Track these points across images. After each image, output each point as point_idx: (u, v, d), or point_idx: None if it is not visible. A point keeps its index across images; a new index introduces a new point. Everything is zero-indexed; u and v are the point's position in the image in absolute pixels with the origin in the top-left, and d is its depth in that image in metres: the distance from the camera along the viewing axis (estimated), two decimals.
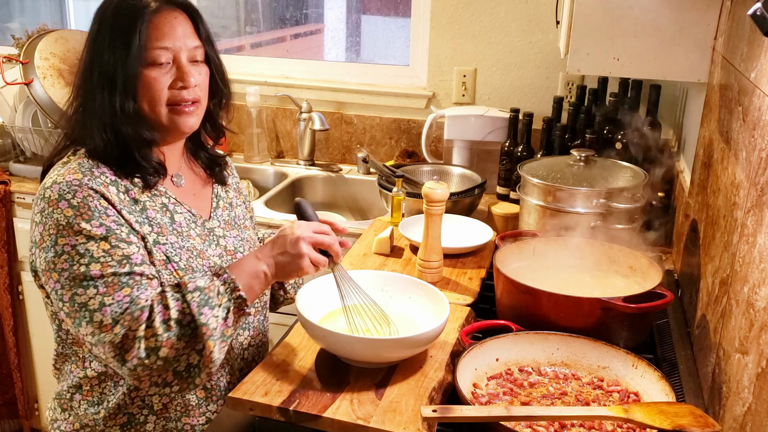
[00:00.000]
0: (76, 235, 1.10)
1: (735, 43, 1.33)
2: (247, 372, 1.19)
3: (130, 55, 1.15)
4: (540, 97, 2.39)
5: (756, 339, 0.94)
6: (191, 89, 1.20)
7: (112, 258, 1.11)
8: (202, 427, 1.27)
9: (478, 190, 2.03)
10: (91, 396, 1.24)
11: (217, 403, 1.28)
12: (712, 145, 1.44)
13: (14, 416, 2.57)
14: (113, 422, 1.22)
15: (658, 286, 1.29)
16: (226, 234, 1.34)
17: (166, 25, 1.17)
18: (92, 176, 1.15)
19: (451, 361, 1.21)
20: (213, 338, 1.11)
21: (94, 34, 1.19)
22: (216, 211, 1.35)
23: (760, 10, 0.83)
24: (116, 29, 1.16)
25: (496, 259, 1.41)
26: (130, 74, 1.15)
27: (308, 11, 3.01)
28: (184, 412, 1.25)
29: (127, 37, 1.15)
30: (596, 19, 1.61)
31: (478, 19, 2.38)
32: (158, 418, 1.24)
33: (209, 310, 1.11)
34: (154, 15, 1.17)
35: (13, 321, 2.42)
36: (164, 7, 1.18)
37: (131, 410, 1.22)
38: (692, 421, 0.96)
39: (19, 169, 2.44)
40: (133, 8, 1.16)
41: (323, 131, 2.55)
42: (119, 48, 1.15)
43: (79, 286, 1.09)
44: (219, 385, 1.29)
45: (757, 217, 1.01)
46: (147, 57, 1.16)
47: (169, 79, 1.18)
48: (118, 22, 1.16)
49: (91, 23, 1.21)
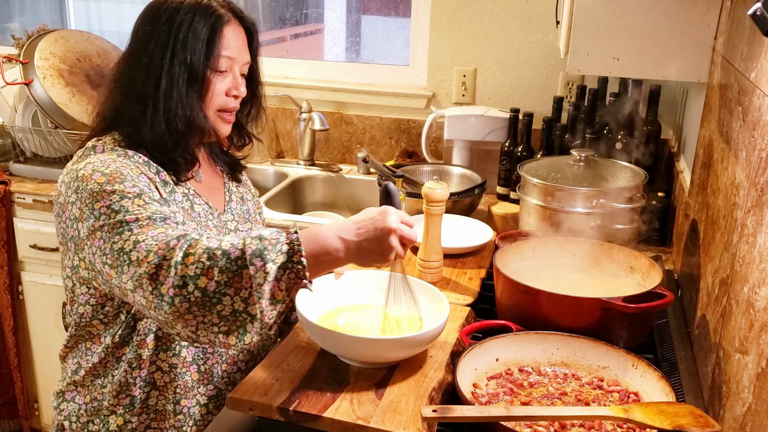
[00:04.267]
0: (110, 195, 1.11)
1: (735, 43, 1.33)
2: (252, 366, 1.19)
3: (206, 56, 1.23)
4: (540, 97, 2.39)
5: (756, 339, 0.94)
6: (239, 99, 1.31)
7: (146, 211, 1.10)
8: (195, 410, 1.28)
9: (478, 190, 2.03)
10: (96, 371, 1.26)
11: (208, 387, 1.29)
12: (712, 145, 1.44)
13: (14, 416, 2.57)
14: (116, 401, 1.25)
15: (658, 286, 1.29)
16: (239, 228, 1.38)
17: (233, 37, 1.27)
18: (126, 156, 1.21)
19: (451, 361, 1.21)
20: (260, 293, 0.99)
21: (166, 25, 1.22)
22: (230, 204, 1.40)
23: (760, 10, 0.83)
24: (195, 30, 1.22)
25: (496, 259, 1.41)
26: (201, 73, 1.23)
27: (308, 11, 3.01)
28: (183, 393, 1.26)
29: (206, 39, 1.23)
30: (596, 19, 1.61)
31: (478, 19, 2.38)
32: (160, 393, 1.25)
33: (261, 261, 1.00)
34: (225, 26, 1.26)
35: (13, 321, 2.42)
36: (233, 20, 1.28)
37: (133, 392, 1.24)
38: (692, 421, 0.96)
39: (19, 169, 2.44)
40: (212, 15, 1.24)
41: (323, 131, 2.55)
42: (197, 47, 1.22)
43: (116, 234, 1.07)
44: (213, 370, 1.29)
45: (757, 217, 1.01)
46: (215, 63, 1.25)
47: (226, 86, 1.28)
48: (198, 24, 1.23)
49: (157, 13, 1.24)
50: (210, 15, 1.24)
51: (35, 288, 2.43)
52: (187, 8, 1.23)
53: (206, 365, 1.29)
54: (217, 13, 1.25)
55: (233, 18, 1.28)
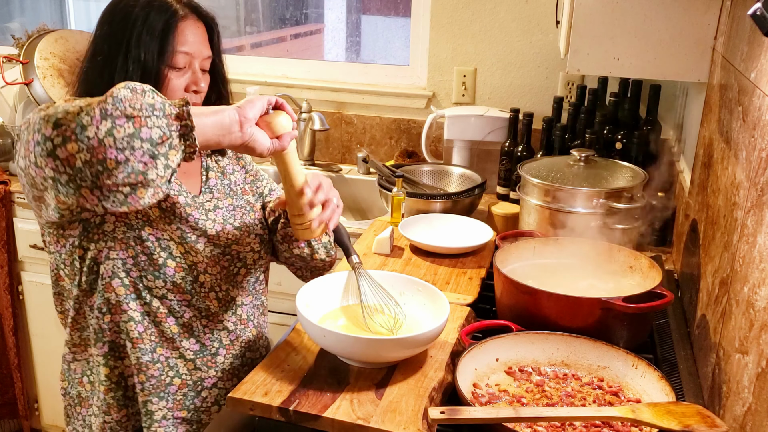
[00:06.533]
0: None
1: (735, 43, 1.33)
2: (246, 371, 1.19)
3: (160, 53, 1.21)
4: (540, 97, 2.39)
5: (756, 339, 0.94)
6: (200, 94, 1.28)
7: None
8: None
9: (478, 190, 2.03)
10: (78, 324, 1.28)
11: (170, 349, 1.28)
12: (712, 145, 1.44)
13: (14, 416, 2.57)
14: (98, 352, 1.26)
15: (658, 286, 1.29)
16: (219, 206, 1.33)
17: (190, 32, 1.25)
18: None
19: (451, 361, 1.21)
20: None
21: (121, 23, 1.22)
22: (207, 183, 1.35)
23: (760, 10, 0.83)
24: (149, 27, 1.21)
25: (496, 259, 1.41)
26: (155, 70, 1.22)
27: (308, 11, 3.01)
28: (159, 343, 1.26)
29: (160, 35, 1.21)
30: (596, 19, 1.61)
31: (478, 19, 2.38)
32: (133, 346, 1.24)
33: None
34: (181, 21, 1.24)
35: (13, 321, 2.42)
36: (191, 15, 1.26)
37: (111, 337, 1.25)
38: (700, 422, 0.95)
39: None
40: (167, 11, 1.22)
41: (323, 131, 2.55)
42: (150, 44, 1.20)
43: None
44: (185, 345, 1.28)
45: (757, 217, 1.01)
46: (171, 59, 1.23)
47: (184, 82, 1.26)
48: (153, 20, 1.21)
49: (113, 12, 1.23)
50: (165, 11, 1.22)
51: (35, 288, 2.43)
52: (143, 5, 1.22)
53: (181, 337, 1.28)
54: (172, 9, 1.23)
55: (191, 13, 1.26)
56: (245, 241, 1.34)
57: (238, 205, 1.37)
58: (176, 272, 1.24)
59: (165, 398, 1.27)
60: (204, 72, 1.29)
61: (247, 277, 1.36)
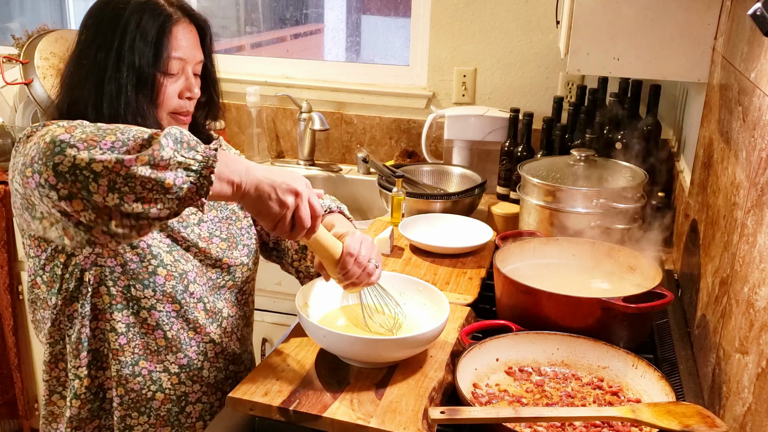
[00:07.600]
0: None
1: (735, 43, 1.33)
2: (231, 385, 1.17)
3: (154, 59, 1.17)
4: (540, 97, 2.39)
5: (756, 339, 0.94)
6: (193, 101, 1.25)
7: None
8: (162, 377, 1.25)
9: (478, 190, 2.03)
10: (53, 337, 1.24)
11: (177, 355, 1.26)
12: (712, 145, 1.44)
13: (14, 416, 2.57)
14: (78, 363, 1.22)
15: (658, 286, 1.29)
16: (203, 219, 1.29)
17: (183, 37, 1.21)
18: None
19: (451, 361, 1.21)
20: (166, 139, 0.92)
21: (111, 26, 1.16)
22: None
23: (760, 10, 0.83)
24: (142, 31, 1.16)
25: (496, 259, 1.41)
26: (150, 77, 1.17)
27: (308, 11, 3.01)
28: (142, 355, 1.23)
29: (154, 41, 1.17)
30: (596, 19, 1.61)
31: (478, 19, 2.38)
32: (113, 357, 1.21)
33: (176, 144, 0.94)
34: (174, 25, 1.19)
35: (13, 321, 2.42)
36: (183, 19, 1.22)
37: (95, 345, 1.22)
38: (700, 422, 0.95)
39: None
40: (160, 14, 1.18)
41: (323, 131, 2.55)
42: (145, 50, 1.16)
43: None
44: (170, 359, 1.25)
45: (757, 217, 1.01)
46: (164, 64, 1.19)
47: (177, 88, 1.22)
48: (146, 25, 1.16)
49: (101, 14, 1.19)
50: (158, 15, 1.17)
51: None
52: (134, 7, 1.16)
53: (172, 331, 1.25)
54: (165, 12, 1.18)
55: (183, 16, 1.21)
56: (233, 255, 1.31)
57: (224, 217, 1.34)
58: (167, 281, 1.21)
59: (146, 413, 1.24)
60: (196, 77, 1.26)
61: (232, 289, 1.34)
